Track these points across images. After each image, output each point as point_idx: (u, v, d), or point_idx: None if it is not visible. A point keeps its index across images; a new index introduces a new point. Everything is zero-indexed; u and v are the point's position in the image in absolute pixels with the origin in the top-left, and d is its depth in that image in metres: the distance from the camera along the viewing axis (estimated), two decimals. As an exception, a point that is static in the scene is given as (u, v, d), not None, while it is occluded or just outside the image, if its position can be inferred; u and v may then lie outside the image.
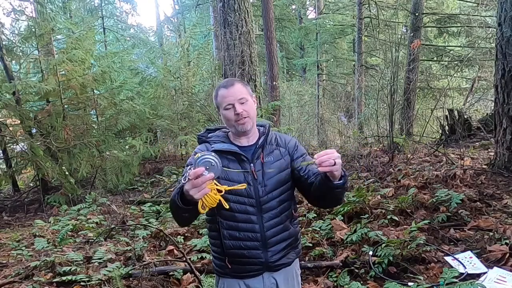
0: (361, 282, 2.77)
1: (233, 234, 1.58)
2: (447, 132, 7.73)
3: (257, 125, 1.69)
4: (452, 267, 2.75)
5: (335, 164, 1.32)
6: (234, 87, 1.57)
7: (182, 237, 4.01)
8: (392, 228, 3.46)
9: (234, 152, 1.58)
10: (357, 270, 2.94)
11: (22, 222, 5.57)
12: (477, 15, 11.52)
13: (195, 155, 1.60)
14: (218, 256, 1.65)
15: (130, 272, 3.08)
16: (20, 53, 6.80)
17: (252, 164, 1.58)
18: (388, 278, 2.76)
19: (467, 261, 2.82)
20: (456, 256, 2.91)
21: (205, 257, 3.37)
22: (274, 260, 1.60)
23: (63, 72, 6.75)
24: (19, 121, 6.52)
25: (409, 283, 2.63)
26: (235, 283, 1.63)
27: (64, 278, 3.02)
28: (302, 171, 1.61)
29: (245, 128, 1.58)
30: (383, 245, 3.02)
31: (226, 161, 1.57)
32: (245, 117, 1.56)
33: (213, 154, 1.30)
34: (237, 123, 1.56)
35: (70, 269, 3.16)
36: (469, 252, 2.94)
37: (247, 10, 7.01)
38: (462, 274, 2.64)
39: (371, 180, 5.13)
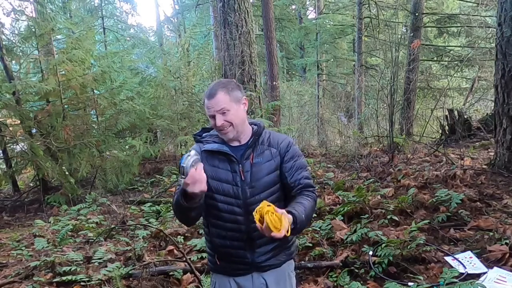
0: (361, 282, 2.77)
1: (220, 232, 1.61)
2: (447, 132, 7.73)
3: (250, 124, 1.66)
4: (452, 267, 2.75)
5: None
6: (215, 98, 1.52)
7: (182, 237, 4.02)
8: (392, 228, 3.46)
9: (224, 152, 1.59)
10: (357, 270, 2.94)
11: (22, 222, 5.57)
12: (477, 15, 11.54)
13: (187, 155, 1.63)
14: (210, 252, 1.71)
15: (130, 272, 3.08)
16: (20, 53, 6.79)
17: (240, 165, 1.58)
18: (388, 278, 2.75)
19: (467, 261, 2.82)
20: (456, 256, 2.91)
21: (205, 257, 3.36)
22: (261, 261, 1.61)
23: (63, 72, 6.74)
24: (19, 121, 6.51)
25: (409, 283, 2.63)
26: (226, 280, 1.67)
27: (64, 278, 3.02)
28: (289, 179, 1.60)
29: (227, 137, 1.59)
30: (383, 245, 3.02)
31: (217, 161, 1.60)
32: (226, 128, 1.55)
33: (190, 153, 1.43)
34: (220, 133, 1.58)
35: (70, 269, 3.16)
36: (469, 252, 2.94)
37: (247, 10, 7.01)
38: (462, 274, 2.63)
39: (371, 180, 5.14)
